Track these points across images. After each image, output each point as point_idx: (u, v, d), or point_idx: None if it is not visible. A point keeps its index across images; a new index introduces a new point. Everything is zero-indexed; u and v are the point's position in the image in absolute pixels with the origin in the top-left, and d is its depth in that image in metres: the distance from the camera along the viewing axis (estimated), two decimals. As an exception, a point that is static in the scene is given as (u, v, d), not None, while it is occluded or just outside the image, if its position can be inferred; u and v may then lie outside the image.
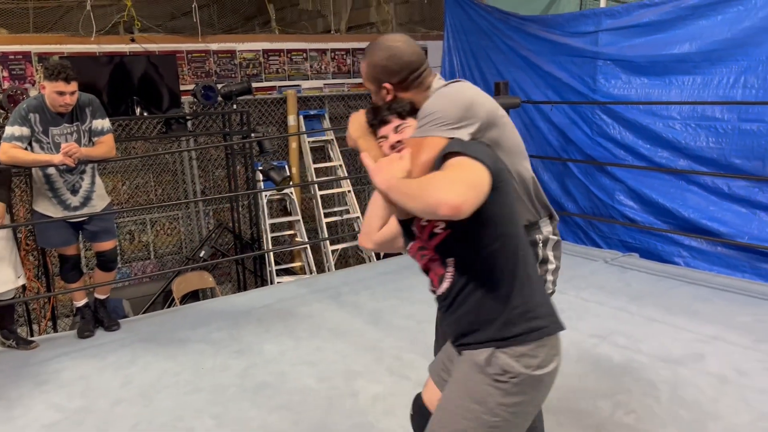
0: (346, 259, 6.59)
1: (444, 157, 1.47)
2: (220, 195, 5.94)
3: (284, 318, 3.78)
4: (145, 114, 5.16)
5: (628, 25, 4.70)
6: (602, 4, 5.14)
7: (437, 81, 1.76)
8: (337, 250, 6.16)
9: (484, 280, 1.48)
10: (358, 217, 6.25)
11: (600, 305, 3.71)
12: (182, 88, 5.49)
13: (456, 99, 1.63)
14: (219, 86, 5.40)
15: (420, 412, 1.84)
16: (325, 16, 7.65)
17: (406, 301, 3.97)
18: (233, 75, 5.96)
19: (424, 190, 1.33)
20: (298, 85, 6.33)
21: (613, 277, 4.22)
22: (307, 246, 5.92)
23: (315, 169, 6.19)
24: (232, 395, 2.88)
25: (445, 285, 1.54)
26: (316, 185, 6.14)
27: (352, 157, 6.67)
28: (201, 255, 5.68)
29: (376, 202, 1.79)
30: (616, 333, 3.30)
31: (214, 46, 5.84)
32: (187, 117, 5.43)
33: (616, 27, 4.78)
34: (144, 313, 5.06)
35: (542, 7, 5.91)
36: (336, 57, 6.50)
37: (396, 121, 1.65)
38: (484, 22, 5.92)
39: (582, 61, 5.02)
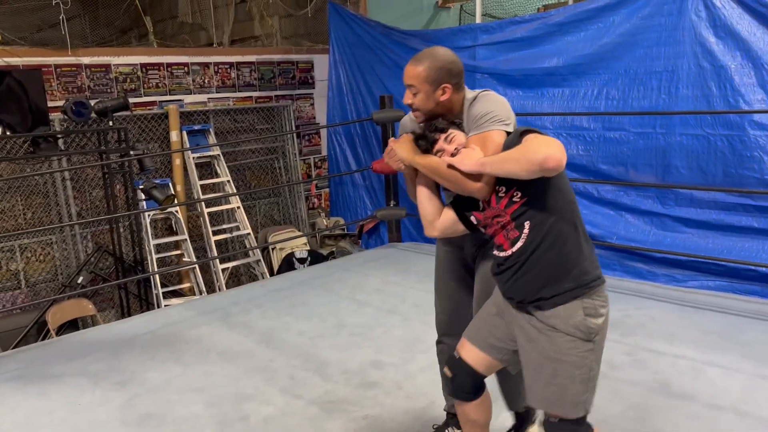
0: (237, 278, 6.43)
1: (521, 135, 1.78)
2: (99, 217, 5.61)
3: (170, 343, 3.62)
4: (8, 133, 4.79)
5: (502, 40, 4.95)
6: (478, 20, 5.38)
7: (466, 89, 2.09)
8: (227, 268, 5.99)
9: (556, 239, 1.78)
10: (248, 234, 6.11)
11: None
12: (51, 104, 5.15)
13: (503, 102, 2.00)
14: (93, 102, 5.11)
15: (466, 370, 2.00)
16: (206, 29, 7.47)
17: (300, 318, 3.92)
18: (109, 90, 5.67)
19: (526, 153, 1.68)
20: (180, 100, 6.12)
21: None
22: (196, 266, 5.71)
23: (201, 185, 6.00)
24: (112, 430, 2.71)
25: (519, 244, 1.82)
26: (203, 203, 5.95)
27: (240, 172, 6.54)
28: (79, 281, 5.33)
29: (424, 194, 2.01)
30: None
31: (86, 60, 5.53)
32: (58, 135, 5.09)
33: (491, 42, 5.01)
34: (14, 348, 4.66)
35: (423, 22, 6.10)
36: (220, 70, 6.36)
37: (441, 137, 1.94)
38: (368, 36, 6.01)
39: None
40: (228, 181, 6.13)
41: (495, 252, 1.91)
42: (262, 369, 3.22)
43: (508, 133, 1.90)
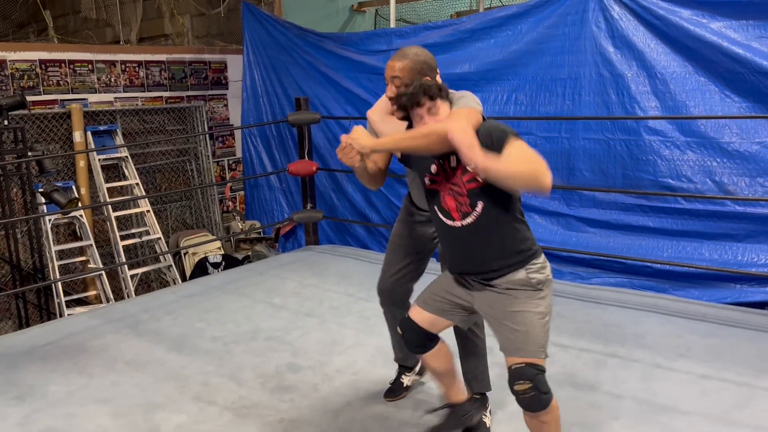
0: (148, 284, 6.19)
1: (512, 135, 1.91)
2: (-7, 222, 5.25)
3: (73, 354, 3.43)
4: None
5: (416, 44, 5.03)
6: (392, 24, 5.45)
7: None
8: (137, 274, 5.76)
9: (504, 224, 1.98)
10: (159, 238, 5.90)
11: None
12: (-62, 101, 4.78)
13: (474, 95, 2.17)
14: (-15, 99, 4.79)
15: (413, 329, 2.22)
16: (112, 25, 7.16)
17: (214, 323, 3.82)
18: (4, 87, 5.33)
19: (537, 170, 1.79)
20: (84, 99, 5.84)
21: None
22: (102, 272, 5.46)
23: (108, 188, 5.74)
24: (8, 448, 2.54)
25: (469, 220, 1.98)
26: (110, 206, 5.69)
27: (149, 174, 6.30)
28: (-29, 291, 4.97)
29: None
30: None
31: (-22, 55, 5.18)
32: (-54, 134, 4.74)
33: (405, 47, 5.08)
34: None
35: (339, 25, 6.11)
36: (127, 69, 6.11)
37: (428, 103, 1.98)
38: (283, 38, 5.96)
39: (377, 78, 5.27)
40: (137, 184, 5.90)
41: (440, 215, 2.06)
42: (174, 377, 3.12)
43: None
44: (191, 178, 6.64)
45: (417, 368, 2.85)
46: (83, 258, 5.62)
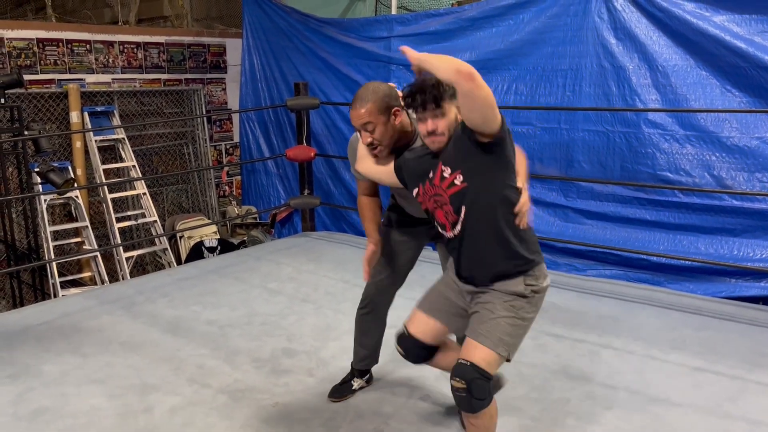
0: (143, 267, 6.17)
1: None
2: (-12, 201, 5.21)
3: (68, 334, 3.43)
4: None
5: (416, 32, 5.00)
6: (393, 11, 5.41)
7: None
8: (132, 257, 5.74)
9: (495, 227, 1.93)
10: (155, 221, 5.88)
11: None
12: (-67, 77, 4.73)
13: None
14: (-18, 77, 4.74)
15: (418, 344, 2.18)
16: (111, 6, 7.10)
17: (209, 307, 3.82)
18: (1, 65, 5.28)
19: (458, 62, 1.77)
20: (81, 79, 5.78)
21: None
22: (97, 254, 5.44)
23: (104, 170, 5.70)
24: (2, 425, 2.54)
25: (458, 228, 1.97)
26: (106, 188, 5.66)
27: (146, 157, 6.27)
28: (-35, 270, 4.95)
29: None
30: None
31: (-25, 32, 5.12)
32: (-59, 111, 4.69)
33: (406, 34, 5.05)
34: None
35: (340, 11, 6.06)
36: (126, 50, 6.06)
37: (436, 111, 1.91)
38: (283, 23, 5.92)
39: (377, 65, 5.24)
40: (133, 166, 5.86)
41: (440, 230, 2.07)
42: (169, 359, 3.12)
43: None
44: (188, 161, 6.61)
45: (368, 376, 2.81)
46: (78, 239, 5.59)
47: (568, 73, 4.39)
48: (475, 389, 1.92)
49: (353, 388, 2.74)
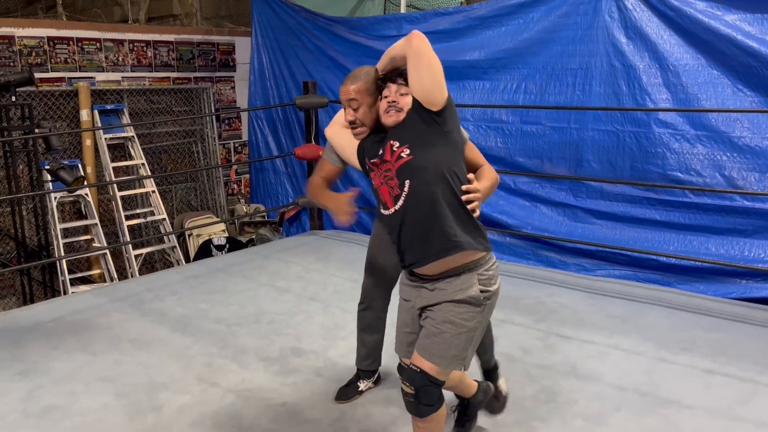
0: (152, 264, 6.20)
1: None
2: (-1, 198, 5.25)
3: (77, 332, 3.45)
4: None
5: (425, 31, 4.91)
6: (402, 10, 5.40)
7: None
8: (141, 255, 5.77)
9: (439, 205, 1.91)
10: (164, 219, 5.90)
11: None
12: (-55, 75, 4.76)
13: None
14: (-7, 75, 4.77)
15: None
16: (121, 5, 7.12)
17: (218, 305, 3.83)
18: (12, 63, 5.31)
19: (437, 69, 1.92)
20: (91, 78, 5.81)
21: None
22: (107, 252, 5.47)
23: (114, 168, 5.73)
24: (12, 423, 2.55)
25: (400, 203, 1.95)
26: (115, 186, 5.69)
27: (155, 155, 6.29)
28: (-24, 267, 4.98)
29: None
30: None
31: (-14, 30, 5.15)
32: (-47, 109, 4.73)
33: (415, 33, 5.04)
34: None
35: (348, 9, 6.05)
36: (135, 48, 6.08)
37: (402, 86, 2.01)
38: (292, 21, 5.92)
39: (386, 64, 5.22)
40: (143, 164, 5.89)
41: (381, 210, 2.05)
42: (177, 357, 3.13)
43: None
44: (197, 159, 6.63)
45: (375, 377, 2.82)
46: (88, 237, 5.62)
47: (577, 72, 4.36)
48: (424, 395, 1.93)
49: (360, 389, 2.75)
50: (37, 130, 4.97)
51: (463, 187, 1.96)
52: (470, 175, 2.04)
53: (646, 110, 4.08)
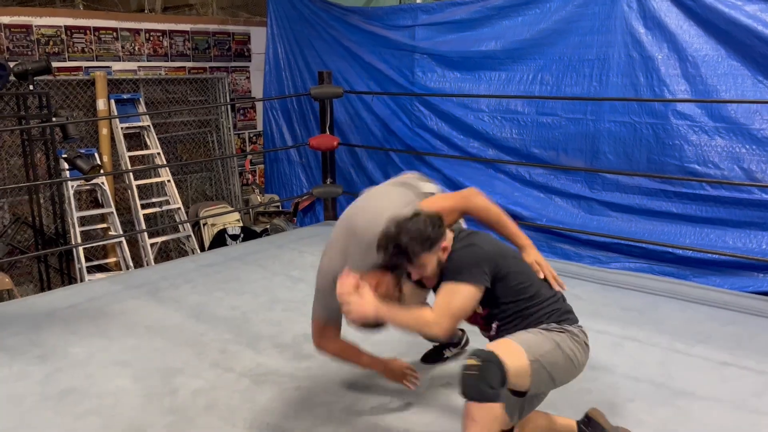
0: (167, 253, 6.25)
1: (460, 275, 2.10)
2: (17, 185, 5.30)
3: (94, 318, 3.49)
4: None
5: (441, 21, 4.97)
6: (418, 0, 5.38)
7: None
8: (156, 243, 5.82)
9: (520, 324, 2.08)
10: (179, 208, 5.95)
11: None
12: (-35, 64, 4.81)
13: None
14: (12, 64, 4.81)
15: None
16: (138, -6, 7.15)
17: (233, 293, 3.86)
18: (29, 52, 5.36)
19: (420, 323, 2.04)
20: (108, 67, 5.85)
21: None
22: (123, 240, 5.52)
23: (130, 157, 5.77)
24: (30, 405, 2.60)
25: (492, 333, 2.15)
26: (131, 174, 5.73)
27: (171, 144, 6.33)
28: (-6, 253, 5.05)
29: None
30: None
31: (5, 20, 5.20)
32: (-27, 97, 4.78)
33: (430, 23, 5.03)
34: None
35: None
36: (151, 38, 6.11)
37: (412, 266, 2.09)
38: (307, 11, 5.92)
39: (401, 54, 5.22)
40: (158, 154, 5.93)
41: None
42: (192, 343, 3.16)
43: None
44: (212, 149, 6.66)
45: (462, 342, 2.89)
46: (104, 225, 5.68)
47: (595, 63, 4.33)
48: (488, 372, 1.84)
49: (445, 356, 2.86)
50: (54, 119, 5.02)
51: None
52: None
53: (664, 101, 4.05)
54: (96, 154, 5.51)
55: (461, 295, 2.00)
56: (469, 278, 2.01)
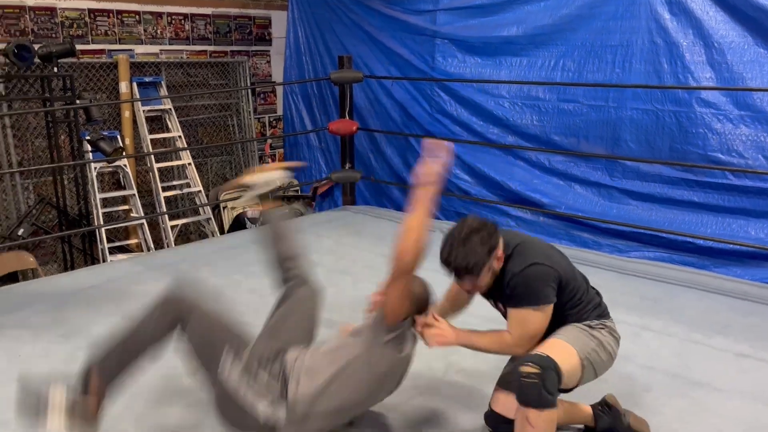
0: (187, 236, 6.32)
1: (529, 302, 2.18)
2: (42, 166, 5.39)
3: (116, 298, 3.55)
4: (-56, 74, 4.54)
5: (462, 6, 4.92)
6: (439, -16, 5.33)
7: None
8: (177, 225, 5.89)
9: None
10: (199, 191, 6.00)
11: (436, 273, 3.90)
12: (-9, 46, 4.88)
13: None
14: (36, 47, 4.87)
15: (497, 419, 2.20)
16: (160, -23, 7.16)
17: (252, 276, 3.90)
18: (54, 35, 5.41)
19: (504, 348, 2.20)
20: (131, 50, 5.89)
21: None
22: (144, 221, 5.59)
23: (151, 140, 5.83)
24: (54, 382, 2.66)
25: None
26: (152, 157, 5.80)
27: (192, 128, 6.38)
28: (19, 233, 5.14)
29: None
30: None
31: (30, 2, 5.25)
32: (-1, 79, 4.85)
33: (452, 7, 4.98)
34: (-50, 299, 4.49)
35: (385, -16, 6.01)
36: (173, 22, 6.14)
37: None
38: (328, -5, 5.90)
39: (421, 39, 5.19)
40: (179, 137, 5.98)
41: None
42: (211, 324, 3.20)
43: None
44: (232, 133, 6.70)
45: None
46: (126, 207, 5.76)
47: (618, 50, 4.27)
48: (548, 379, 1.87)
49: None
50: (78, 101, 5.08)
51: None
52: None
53: (688, 88, 3.98)
54: (118, 137, 5.57)
55: (538, 319, 2.07)
56: (541, 301, 2.07)
